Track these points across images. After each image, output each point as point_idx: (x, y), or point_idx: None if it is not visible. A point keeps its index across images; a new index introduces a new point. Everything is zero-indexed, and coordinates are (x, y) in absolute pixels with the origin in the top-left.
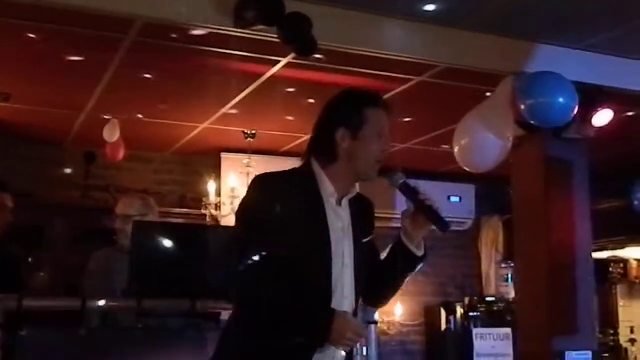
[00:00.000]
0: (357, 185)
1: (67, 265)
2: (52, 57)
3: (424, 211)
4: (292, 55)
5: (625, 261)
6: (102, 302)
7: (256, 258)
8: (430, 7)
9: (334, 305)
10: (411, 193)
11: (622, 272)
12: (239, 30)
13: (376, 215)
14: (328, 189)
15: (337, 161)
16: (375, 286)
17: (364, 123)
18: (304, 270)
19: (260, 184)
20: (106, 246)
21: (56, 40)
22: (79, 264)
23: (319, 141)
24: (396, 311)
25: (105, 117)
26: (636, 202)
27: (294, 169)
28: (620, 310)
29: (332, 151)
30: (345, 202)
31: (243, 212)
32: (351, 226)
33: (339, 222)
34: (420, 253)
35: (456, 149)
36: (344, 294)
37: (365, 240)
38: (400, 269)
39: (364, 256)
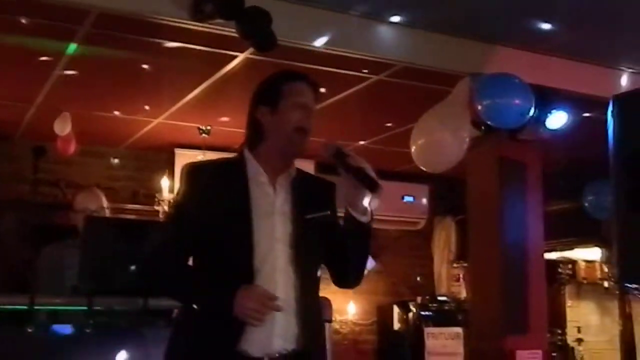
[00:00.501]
0: (307, 167)
1: (16, 261)
2: (2, 47)
3: (354, 174)
4: (250, 50)
5: (573, 262)
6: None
7: (165, 241)
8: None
9: (263, 279)
10: (342, 158)
11: (570, 272)
12: (196, 23)
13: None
14: (253, 169)
15: (264, 141)
16: (338, 262)
17: (280, 97)
18: (222, 249)
19: (183, 174)
20: (56, 241)
21: (8, 30)
22: (28, 260)
23: (247, 126)
24: (349, 310)
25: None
26: (587, 204)
27: (226, 157)
28: (568, 311)
29: (257, 131)
30: (282, 181)
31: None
32: (290, 203)
33: (267, 199)
34: (364, 219)
35: (413, 149)
36: (275, 267)
37: (313, 216)
38: (351, 238)
39: (313, 232)
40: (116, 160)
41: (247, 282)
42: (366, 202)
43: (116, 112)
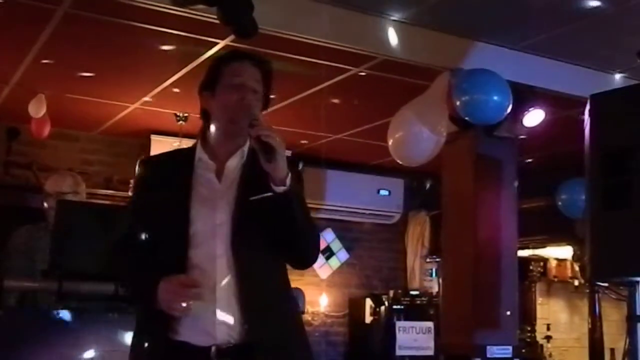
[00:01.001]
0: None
1: None
2: None
3: (255, 142)
4: (231, 37)
5: (545, 260)
6: (20, 283)
7: (122, 236)
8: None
9: (200, 267)
10: (250, 128)
11: (541, 270)
12: (176, 8)
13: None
14: (199, 157)
15: (210, 126)
16: (279, 242)
17: (219, 79)
18: (161, 240)
19: (137, 168)
20: (28, 223)
21: None
22: None
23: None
24: (321, 302)
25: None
26: (560, 203)
27: (181, 149)
28: (538, 308)
29: (204, 118)
30: (233, 165)
31: None
32: (238, 187)
33: (209, 186)
34: (279, 189)
35: (390, 142)
36: (215, 255)
37: (256, 197)
38: (277, 212)
39: (257, 214)
40: None
41: (183, 272)
42: (274, 169)
43: (91, 96)
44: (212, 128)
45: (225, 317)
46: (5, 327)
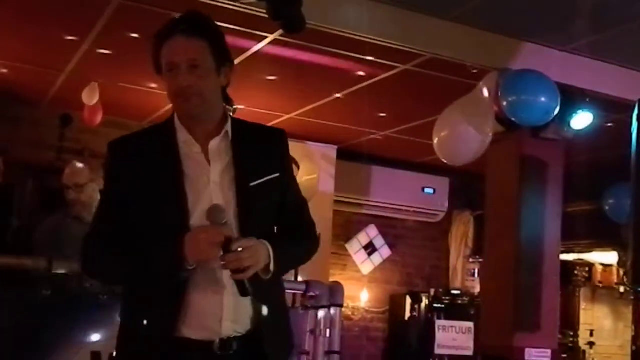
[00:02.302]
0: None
1: (33, 225)
2: (36, 14)
3: (231, 273)
4: (280, 31)
5: (590, 265)
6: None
7: (95, 228)
8: None
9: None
10: (227, 249)
11: (586, 275)
12: (228, 2)
13: (349, 200)
14: (183, 138)
15: None
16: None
17: (160, 61)
18: (156, 219)
19: (107, 152)
20: (58, 212)
21: None
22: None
23: None
24: (362, 297)
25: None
26: (607, 207)
27: (154, 125)
28: (582, 313)
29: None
30: (218, 145)
31: None
32: (232, 170)
33: (202, 170)
34: (264, 276)
35: (435, 141)
36: None
37: (258, 182)
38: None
39: (261, 198)
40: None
41: (183, 267)
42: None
43: (143, 86)
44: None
45: (230, 313)
46: (54, 308)
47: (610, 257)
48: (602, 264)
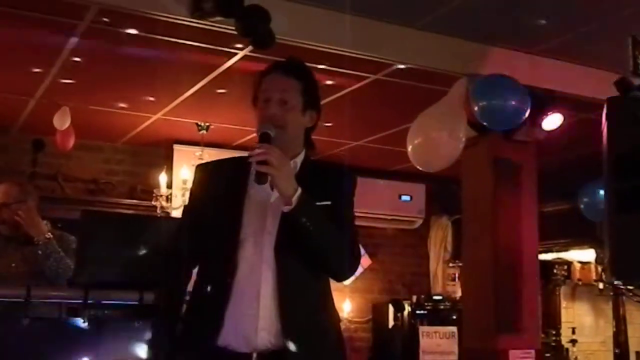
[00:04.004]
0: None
1: None
2: (3, 40)
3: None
4: (249, 47)
5: (569, 263)
6: (45, 292)
7: (174, 240)
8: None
9: (246, 270)
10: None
11: (565, 274)
12: (195, 20)
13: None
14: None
15: None
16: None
17: (258, 94)
18: (211, 242)
19: (195, 174)
20: None
21: (8, 24)
22: None
23: None
24: (344, 308)
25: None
26: (582, 206)
27: (242, 156)
28: (563, 312)
29: None
30: None
31: None
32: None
33: (263, 194)
34: (285, 209)
35: (409, 148)
36: (262, 260)
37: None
38: (292, 229)
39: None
40: None
41: (229, 275)
42: (278, 189)
43: (115, 108)
44: None
45: (266, 321)
46: (32, 335)
47: (588, 254)
48: (580, 262)
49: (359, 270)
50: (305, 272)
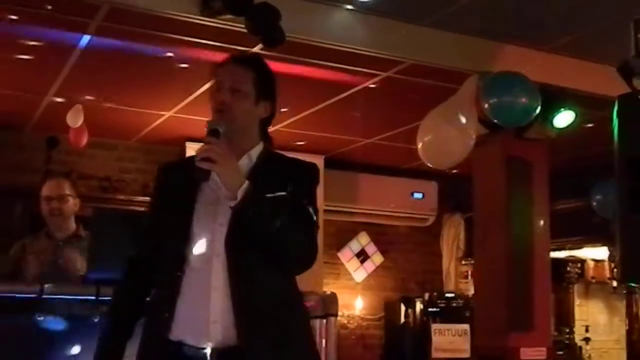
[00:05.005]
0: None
1: None
2: (16, 39)
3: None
4: (259, 45)
5: (582, 261)
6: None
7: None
8: None
9: (198, 265)
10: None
11: (579, 271)
12: (205, 18)
13: (339, 209)
14: None
15: None
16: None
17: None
18: (164, 239)
19: (156, 174)
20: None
21: (21, 23)
22: None
23: None
24: (356, 305)
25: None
26: (595, 203)
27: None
28: (576, 310)
29: None
30: (242, 168)
31: None
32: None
33: (216, 187)
34: (231, 203)
35: (420, 145)
36: (212, 254)
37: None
38: (240, 223)
39: None
40: None
41: (181, 270)
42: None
43: (128, 106)
44: None
45: (220, 315)
46: (44, 332)
47: (601, 252)
48: (594, 260)
49: (371, 267)
50: (261, 265)
